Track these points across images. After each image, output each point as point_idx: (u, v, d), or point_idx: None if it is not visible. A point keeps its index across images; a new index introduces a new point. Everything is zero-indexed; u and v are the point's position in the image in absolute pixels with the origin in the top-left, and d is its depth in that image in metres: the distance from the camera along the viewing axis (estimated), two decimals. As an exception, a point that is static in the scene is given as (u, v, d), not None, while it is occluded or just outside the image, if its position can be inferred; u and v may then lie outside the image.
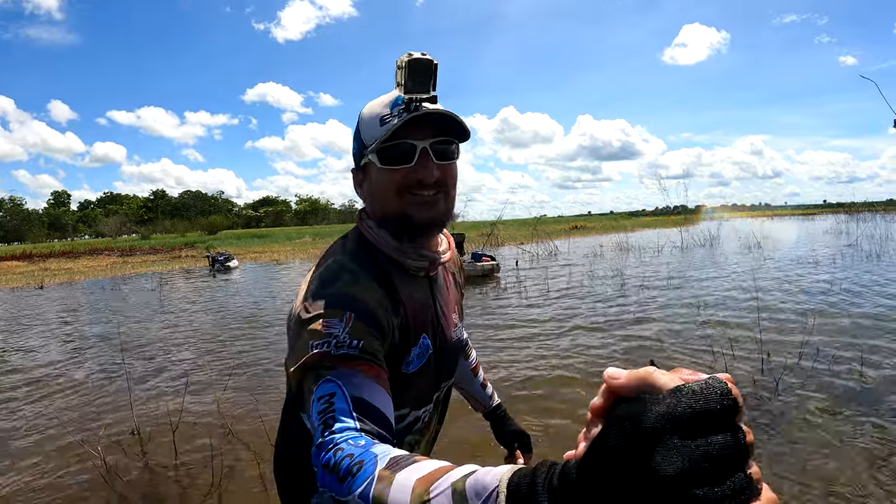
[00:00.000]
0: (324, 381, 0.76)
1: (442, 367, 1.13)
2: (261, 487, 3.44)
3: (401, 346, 0.97)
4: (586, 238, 33.55)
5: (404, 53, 0.89)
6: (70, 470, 3.81)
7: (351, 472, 0.61)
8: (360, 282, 0.92)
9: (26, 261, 32.53)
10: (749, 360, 5.41)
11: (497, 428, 1.48)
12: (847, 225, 26.48)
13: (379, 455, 0.61)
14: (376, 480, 0.57)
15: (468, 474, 0.50)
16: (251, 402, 4.85)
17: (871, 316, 7.03)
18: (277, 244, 41.67)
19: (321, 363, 0.78)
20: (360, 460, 0.61)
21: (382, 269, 0.99)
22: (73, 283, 19.28)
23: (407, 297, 1.00)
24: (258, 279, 17.50)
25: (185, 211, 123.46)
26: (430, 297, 1.08)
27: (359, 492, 0.58)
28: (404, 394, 1.02)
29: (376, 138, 0.93)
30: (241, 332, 8.48)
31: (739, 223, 39.89)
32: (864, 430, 3.71)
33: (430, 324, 1.06)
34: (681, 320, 7.45)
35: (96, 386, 5.83)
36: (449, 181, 0.99)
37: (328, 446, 0.67)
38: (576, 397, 4.63)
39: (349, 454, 0.63)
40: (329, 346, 0.79)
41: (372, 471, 0.58)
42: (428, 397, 1.12)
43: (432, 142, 0.94)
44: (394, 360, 0.96)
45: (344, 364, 0.78)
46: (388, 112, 0.94)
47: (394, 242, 1.00)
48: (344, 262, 0.96)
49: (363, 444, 0.65)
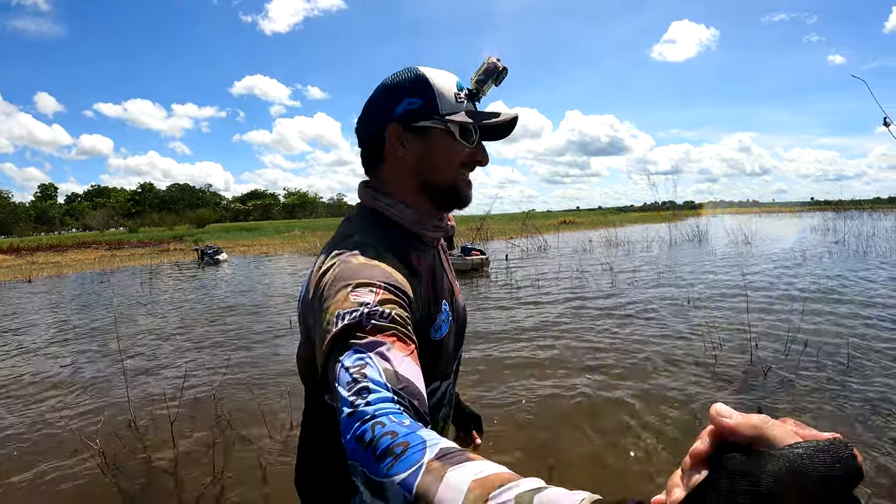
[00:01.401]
0: (353, 350, 0.71)
1: (459, 334, 1.16)
2: (260, 478, 3.48)
3: (427, 314, 0.97)
4: (575, 233, 33.66)
5: (495, 56, 1.02)
6: (68, 463, 3.82)
7: (393, 452, 0.55)
8: (383, 256, 0.90)
9: (13, 254, 32.12)
10: (738, 350, 5.51)
11: (457, 412, 1.50)
12: (834, 222, 26.76)
13: (428, 441, 0.56)
14: (424, 471, 0.52)
15: (536, 489, 0.45)
16: (247, 393, 4.88)
17: (856, 308, 7.17)
18: (266, 237, 41.46)
19: (351, 332, 0.73)
20: (404, 441, 0.56)
21: (399, 242, 0.99)
22: (62, 277, 19.10)
23: (425, 266, 1.02)
24: (248, 272, 17.43)
25: (173, 204, 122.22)
26: (442, 266, 1.11)
27: (401, 478, 0.53)
28: (435, 363, 1.02)
29: (453, 110, 0.98)
30: (234, 324, 8.48)
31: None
32: (848, 416, 3.82)
33: (445, 291, 1.08)
34: (671, 310, 7.57)
35: (91, 379, 5.83)
36: None
37: (363, 417, 0.61)
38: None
39: (391, 431, 0.58)
40: (360, 316, 0.74)
41: (420, 458, 0.54)
42: (450, 368, 1.12)
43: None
44: (422, 328, 0.95)
45: (375, 334, 0.73)
46: (457, 91, 1.00)
47: (413, 216, 1.02)
48: (363, 238, 0.94)
49: (408, 424, 0.59)
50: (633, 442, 3.72)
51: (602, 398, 4.50)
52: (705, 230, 23.83)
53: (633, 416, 4.08)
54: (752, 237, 20.90)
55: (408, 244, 1.01)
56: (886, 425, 3.72)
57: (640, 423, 3.97)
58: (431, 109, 0.98)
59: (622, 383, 4.82)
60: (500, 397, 4.61)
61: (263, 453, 3.77)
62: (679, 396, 4.46)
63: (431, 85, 0.98)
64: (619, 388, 4.71)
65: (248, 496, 3.30)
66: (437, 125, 0.98)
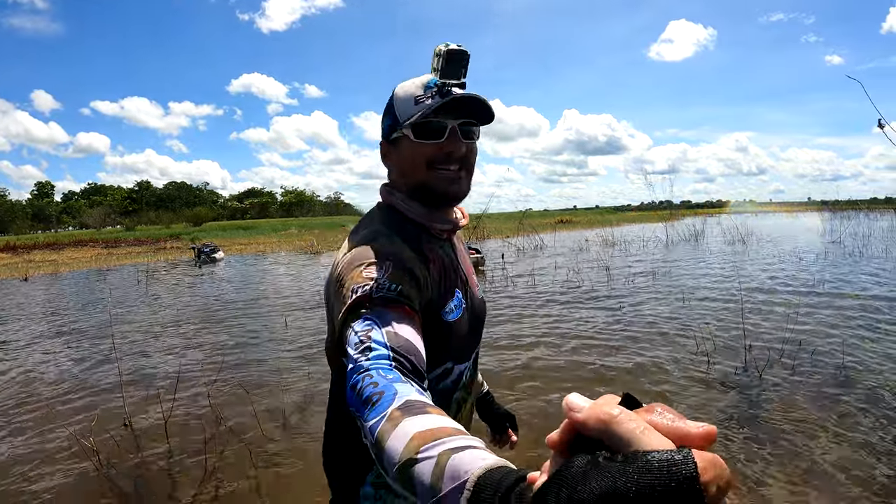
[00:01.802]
0: (362, 317, 0.83)
1: (475, 323, 1.20)
2: (253, 476, 3.50)
3: (437, 296, 1.05)
4: (572, 232, 33.68)
5: (442, 43, 1.00)
6: (63, 461, 3.83)
7: (371, 400, 0.65)
8: (395, 242, 1.00)
9: (10, 252, 32.05)
10: (732, 350, 5.54)
11: (487, 412, 1.57)
12: (831, 223, 26.79)
13: (398, 393, 0.64)
14: (387, 419, 0.60)
15: (458, 448, 0.50)
16: (241, 393, 4.89)
17: (853, 307, 7.20)
18: (263, 236, 41.40)
19: (362, 303, 0.85)
20: (381, 391, 0.66)
21: (413, 233, 1.09)
22: (58, 275, 19.08)
23: (436, 256, 1.10)
24: (244, 271, 17.43)
25: (170, 202, 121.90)
26: (454, 258, 1.17)
27: (370, 424, 0.62)
28: (448, 343, 1.08)
29: (411, 115, 1.04)
30: (229, 323, 8.48)
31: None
32: (845, 415, 3.85)
33: (459, 281, 1.15)
34: (665, 309, 7.59)
35: (86, 378, 5.83)
36: (471, 159, 1.11)
37: (360, 370, 0.72)
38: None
39: (375, 382, 0.68)
40: (371, 288, 0.86)
41: (386, 407, 0.62)
42: (468, 353, 1.19)
43: (460, 122, 1.05)
44: (434, 310, 1.03)
45: (383, 305, 0.84)
46: (422, 93, 1.04)
47: (423, 210, 1.11)
48: (379, 228, 1.05)
49: (391, 378, 0.69)
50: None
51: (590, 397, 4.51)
52: (701, 230, 23.87)
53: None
54: (747, 237, 20.95)
55: (420, 235, 1.10)
56: (882, 425, 3.75)
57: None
58: (396, 122, 1.08)
59: (611, 384, 4.84)
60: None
61: (257, 451, 3.79)
62: (671, 397, 4.49)
63: (395, 98, 1.09)
64: (607, 388, 4.73)
65: (242, 493, 3.32)
66: (400, 134, 1.08)
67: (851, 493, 2.95)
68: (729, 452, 3.48)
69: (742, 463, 3.33)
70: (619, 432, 0.33)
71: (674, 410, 0.35)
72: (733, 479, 0.31)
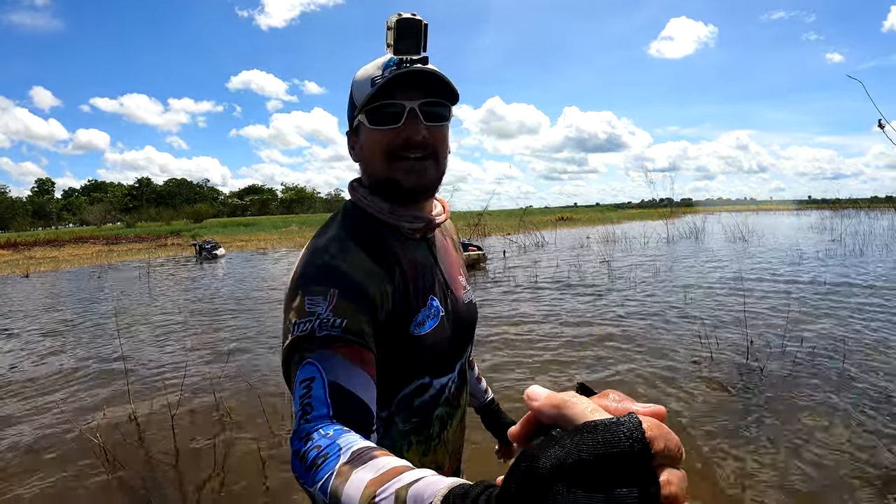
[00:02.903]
0: (305, 363, 0.77)
1: (459, 330, 1.10)
2: (260, 470, 3.51)
3: (403, 309, 0.95)
4: (573, 229, 33.72)
5: (394, 14, 0.88)
6: (70, 456, 3.85)
7: (316, 463, 0.63)
8: (349, 251, 0.91)
9: (10, 249, 32.09)
10: (734, 347, 5.56)
11: (492, 422, 1.46)
12: (831, 221, 26.82)
13: (343, 448, 0.63)
14: (335, 475, 0.59)
15: (415, 481, 0.50)
16: (247, 386, 4.91)
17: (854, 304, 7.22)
18: (264, 232, 41.47)
19: (303, 345, 0.79)
20: (325, 453, 0.63)
21: (376, 234, 0.98)
22: (59, 272, 19.10)
23: (406, 259, 0.99)
24: (245, 267, 17.45)
25: (171, 199, 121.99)
26: (431, 260, 1.06)
27: (319, 485, 0.60)
28: (420, 359, 1.00)
29: (366, 98, 0.92)
30: (232, 318, 8.50)
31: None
32: (844, 412, 3.86)
33: (436, 285, 1.04)
34: (667, 305, 7.61)
35: (91, 374, 5.85)
36: (439, 145, 0.97)
37: (301, 435, 0.69)
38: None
39: (317, 445, 0.65)
40: (312, 326, 0.80)
41: (333, 465, 0.60)
42: (450, 365, 1.08)
43: (421, 102, 0.92)
44: (398, 325, 0.94)
45: (326, 346, 0.78)
46: (380, 73, 0.92)
47: (387, 206, 0.99)
48: (333, 233, 0.95)
49: (331, 435, 0.66)
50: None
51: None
52: (702, 227, 23.89)
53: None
54: (748, 235, 20.96)
55: (385, 236, 0.99)
56: (883, 420, 3.76)
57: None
58: (353, 107, 0.98)
59: (611, 380, 4.86)
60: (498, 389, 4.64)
61: (264, 446, 3.80)
62: (670, 395, 4.50)
63: (353, 83, 0.99)
64: (608, 386, 4.75)
65: (249, 488, 3.33)
66: (357, 121, 0.98)
67: (852, 492, 2.97)
68: (729, 448, 3.50)
69: (742, 460, 3.35)
70: (571, 414, 0.34)
71: (626, 396, 0.37)
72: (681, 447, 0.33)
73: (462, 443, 1.22)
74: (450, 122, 0.99)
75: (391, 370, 0.96)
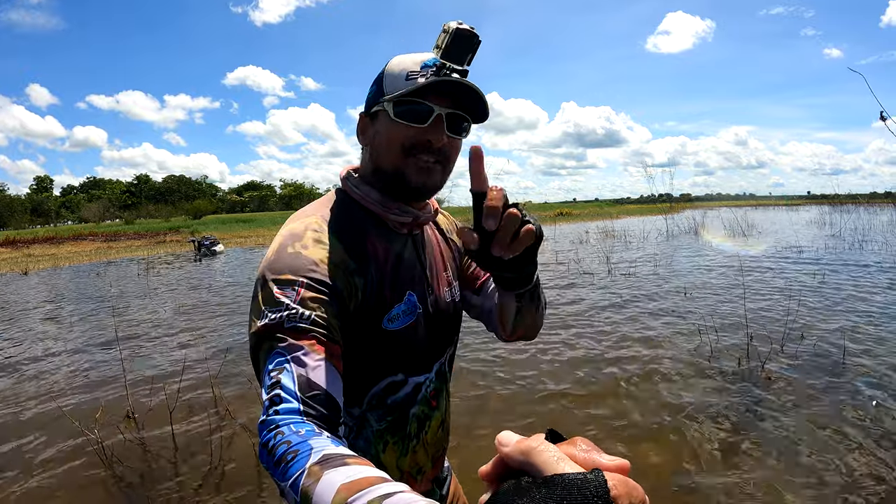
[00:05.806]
0: (274, 353, 0.78)
1: (439, 329, 1.10)
2: (258, 464, 3.49)
3: (377, 302, 0.95)
4: (572, 224, 33.71)
5: (454, 20, 0.88)
6: (67, 452, 3.84)
7: (285, 459, 0.63)
8: (322, 241, 0.90)
9: (9, 247, 31.95)
10: (733, 344, 5.55)
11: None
12: (830, 216, 26.80)
13: (314, 448, 0.63)
14: (306, 474, 0.59)
15: (388, 494, 0.50)
16: (245, 381, 4.91)
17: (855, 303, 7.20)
18: (263, 228, 41.35)
19: (272, 334, 0.79)
20: (295, 450, 0.63)
21: (357, 225, 0.98)
22: (58, 269, 19.05)
23: (385, 253, 0.99)
24: (245, 263, 17.36)
25: (169, 195, 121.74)
26: (414, 255, 1.06)
27: (290, 482, 0.60)
28: (393, 354, 1.00)
29: (398, 89, 0.92)
30: (231, 314, 8.47)
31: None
32: (842, 408, 3.86)
33: (416, 282, 1.04)
34: (666, 302, 7.60)
35: (89, 369, 5.83)
36: (452, 154, 0.98)
37: (270, 426, 0.69)
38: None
39: (287, 441, 0.65)
40: (281, 317, 0.79)
41: (304, 464, 0.61)
42: (426, 364, 1.08)
43: (449, 112, 0.93)
44: (370, 318, 0.95)
45: (294, 337, 0.78)
46: (418, 70, 0.92)
47: (378, 197, 0.99)
48: (310, 221, 0.94)
49: (303, 434, 0.66)
50: (617, 437, 3.75)
51: (589, 392, 4.54)
52: (702, 222, 23.87)
53: (620, 416, 4.09)
54: (748, 230, 20.95)
55: (368, 226, 0.99)
56: (883, 420, 3.75)
57: (630, 422, 3.99)
58: (380, 93, 0.97)
59: (609, 380, 4.85)
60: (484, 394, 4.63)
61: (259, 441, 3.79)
62: (672, 392, 4.50)
63: (386, 69, 0.97)
64: (605, 390, 4.74)
65: (247, 483, 3.33)
66: (380, 107, 0.96)
67: (852, 490, 2.96)
68: (729, 448, 3.49)
69: (742, 457, 3.35)
70: (537, 461, 0.35)
71: (594, 445, 0.38)
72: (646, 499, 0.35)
73: (445, 447, 1.21)
74: (466, 137, 0.99)
75: (363, 364, 0.96)
